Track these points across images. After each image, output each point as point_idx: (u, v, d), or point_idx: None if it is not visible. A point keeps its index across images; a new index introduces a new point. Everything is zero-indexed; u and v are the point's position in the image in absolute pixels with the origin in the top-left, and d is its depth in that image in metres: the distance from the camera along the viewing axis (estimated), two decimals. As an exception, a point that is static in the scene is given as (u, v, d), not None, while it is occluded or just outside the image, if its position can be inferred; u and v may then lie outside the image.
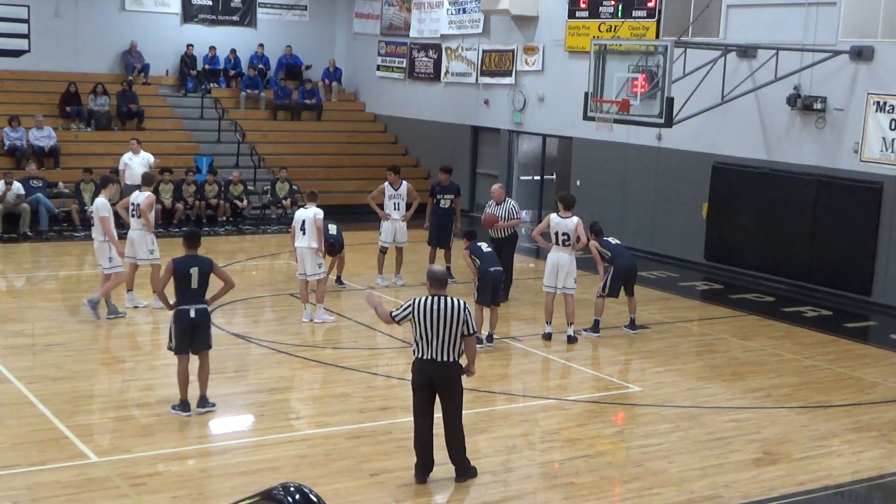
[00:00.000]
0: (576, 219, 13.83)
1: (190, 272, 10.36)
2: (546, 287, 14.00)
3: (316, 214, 14.32)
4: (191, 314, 10.35)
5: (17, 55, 23.30)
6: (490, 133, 24.87)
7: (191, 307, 10.36)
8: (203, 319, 10.47)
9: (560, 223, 13.79)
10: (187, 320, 10.36)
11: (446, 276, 9.20)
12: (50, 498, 8.48)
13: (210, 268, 10.50)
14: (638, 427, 11.02)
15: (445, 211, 16.92)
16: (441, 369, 8.85)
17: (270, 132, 26.18)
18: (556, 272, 13.82)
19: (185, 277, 10.36)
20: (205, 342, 10.53)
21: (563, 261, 13.81)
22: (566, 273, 13.80)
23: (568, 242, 13.78)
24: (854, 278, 17.24)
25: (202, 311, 10.45)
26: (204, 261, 10.53)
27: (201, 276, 10.40)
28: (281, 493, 5.36)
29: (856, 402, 12.00)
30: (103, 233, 13.97)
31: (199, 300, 10.44)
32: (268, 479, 8.61)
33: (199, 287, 10.41)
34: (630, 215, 20.63)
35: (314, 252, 14.30)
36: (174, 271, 10.41)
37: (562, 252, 13.83)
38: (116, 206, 14.89)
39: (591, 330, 14.33)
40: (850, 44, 16.95)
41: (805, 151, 17.87)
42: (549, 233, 13.92)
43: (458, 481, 9.07)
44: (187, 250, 10.53)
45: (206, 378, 10.63)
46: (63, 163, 22.38)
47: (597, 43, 17.05)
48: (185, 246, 10.58)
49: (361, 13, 28.50)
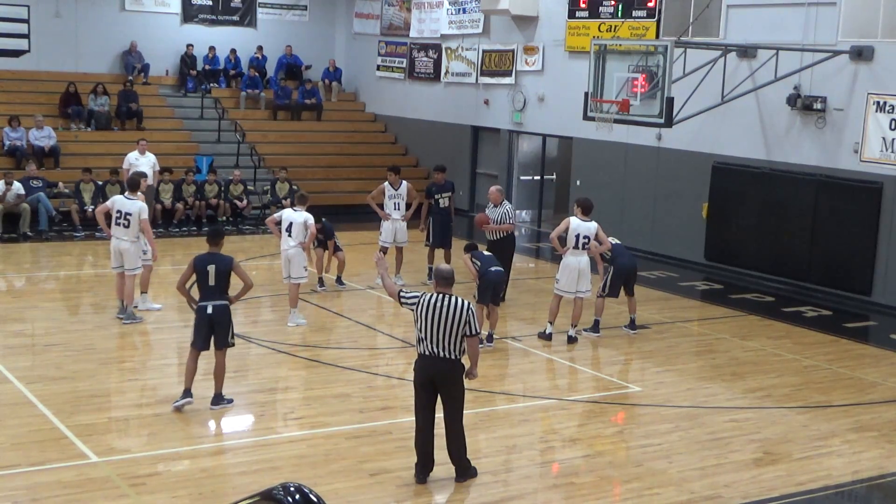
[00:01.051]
0: (595, 223, 13.84)
1: (207, 269, 10.52)
2: (563, 291, 13.87)
3: (307, 220, 14.21)
4: (208, 310, 10.48)
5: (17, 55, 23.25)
6: (490, 133, 24.87)
7: (209, 304, 10.50)
8: (221, 317, 10.54)
9: (580, 226, 13.74)
10: (205, 316, 10.50)
11: (453, 275, 9.20)
12: (50, 498, 8.48)
13: (229, 266, 10.62)
14: (638, 427, 11.02)
15: (445, 210, 16.92)
16: (443, 367, 8.85)
17: (270, 132, 26.19)
18: (578, 277, 13.76)
19: (204, 274, 10.54)
20: (224, 340, 10.60)
21: (582, 265, 13.78)
22: (585, 277, 13.81)
23: (587, 246, 13.77)
24: (854, 278, 17.24)
25: (220, 308, 10.53)
26: (223, 259, 10.67)
27: (219, 273, 10.53)
28: (281, 493, 5.36)
29: (856, 402, 12.00)
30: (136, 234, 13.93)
31: (217, 297, 10.54)
32: (268, 479, 8.61)
33: (217, 285, 10.53)
34: (630, 215, 20.62)
35: (300, 255, 14.22)
36: (194, 268, 10.62)
37: (581, 256, 13.78)
38: (95, 210, 14.61)
39: (591, 330, 14.33)
40: (850, 44, 16.95)
41: (805, 151, 17.87)
42: (567, 236, 13.84)
43: (458, 481, 9.07)
44: (209, 247, 10.74)
45: (221, 376, 10.69)
46: (63, 163, 22.38)
47: (597, 43, 17.04)
48: (207, 243, 10.81)
49: (361, 13, 28.51)
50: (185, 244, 20.16)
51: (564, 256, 13.91)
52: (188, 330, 13.90)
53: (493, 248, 14.96)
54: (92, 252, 19.08)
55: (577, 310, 13.86)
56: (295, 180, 23.38)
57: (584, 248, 13.75)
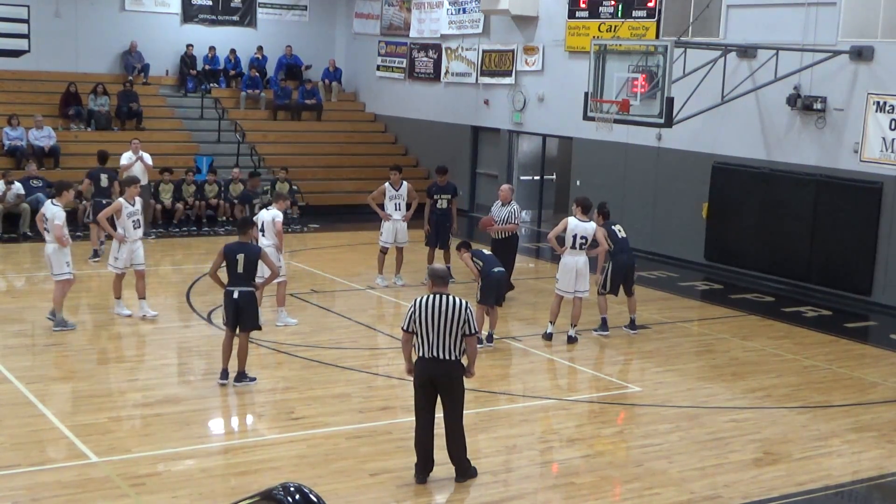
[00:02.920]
0: (594, 224, 13.84)
1: (237, 258, 11.34)
2: (562, 291, 13.89)
3: (275, 217, 13.96)
4: (234, 295, 11.27)
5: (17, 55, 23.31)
6: (490, 133, 24.88)
7: (235, 289, 11.29)
8: (246, 303, 11.30)
9: (578, 226, 13.73)
10: (231, 301, 11.28)
11: (447, 275, 9.21)
12: (50, 498, 8.48)
13: (257, 255, 11.48)
14: (638, 427, 11.02)
15: (443, 211, 16.91)
16: (442, 367, 8.85)
17: (270, 132, 26.19)
18: (575, 276, 13.76)
19: (233, 262, 11.37)
20: (250, 323, 11.37)
21: (580, 264, 13.78)
22: (583, 277, 13.81)
23: (585, 246, 13.76)
24: (854, 278, 17.24)
25: (246, 293, 11.31)
26: (252, 248, 11.54)
27: (247, 262, 11.35)
28: (281, 493, 5.35)
29: (856, 402, 12.00)
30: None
31: (244, 284, 11.34)
32: (268, 479, 8.61)
33: (245, 272, 11.35)
34: (630, 215, 20.59)
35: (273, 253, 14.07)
36: (224, 256, 11.44)
37: (578, 256, 13.78)
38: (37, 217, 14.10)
39: (599, 329, 14.29)
40: (850, 44, 16.95)
41: (805, 151, 17.87)
42: (565, 236, 13.82)
43: (458, 481, 9.07)
44: (239, 237, 11.64)
45: (243, 356, 11.41)
46: (63, 163, 22.38)
47: (597, 43, 17.04)
48: (238, 233, 11.76)
49: (361, 13, 28.51)
50: (185, 244, 20.18)
51: (562, 256, 13.92)
52: (188, 330, 14.03)
53: (497, 247, 15.00)
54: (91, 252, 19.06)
55: (577, 309, 13.86)
56: (295, 180, 23.40)
57: (582, 248, 13.75)
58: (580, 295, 13.83)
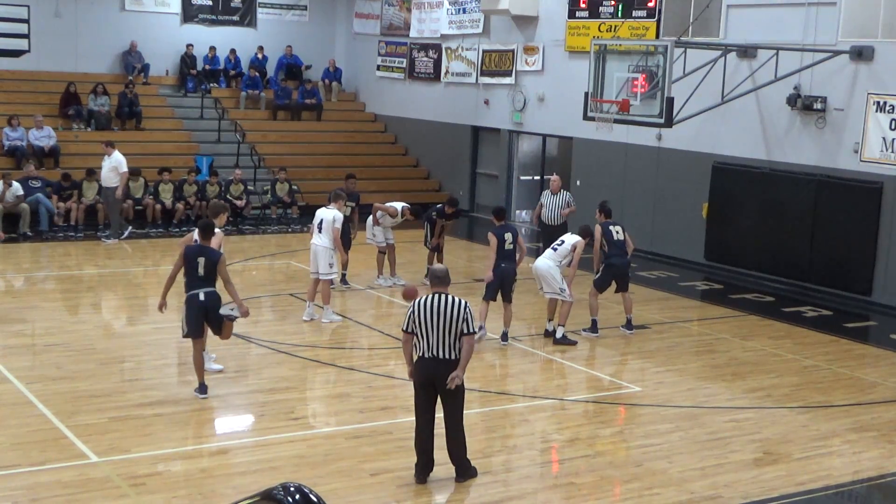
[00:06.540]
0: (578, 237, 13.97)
1: (197, 260, 10.90)
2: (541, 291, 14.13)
3: (336, 217, 14.31)
4: (200, 297, 10.83)
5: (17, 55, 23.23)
6: (490, 133, 24.88)
7: (200, 291, 10.86)
8: (214, 303, 10.95)
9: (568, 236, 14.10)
10: (197, 303, 10.83)
11: (447, 275, 9.21)
12: (50, 498, 8.48)
13: (216, 260, 10.95)
14: (638, 427, 11.02)
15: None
16: (443, 367, 8.84)
17: (270, 132, 26.19)
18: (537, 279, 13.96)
19: (193, 265, 10.91)
20: (217, 323, 11.05)
21: (540, 270, 13.84)
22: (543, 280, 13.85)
23: (557, 249, 13.91)
24: (854, 278, 17.24)
25: (211, 293, 10.92)
26: (212, 252, 11.04)
27: (208, 264, 10.90)
28: (281, 493, 5.35)
29: (856, 402, 12.00)
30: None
31: (207, 285, 10.91)
32: (268, 479, 8.61)
33: (206, 274, 10.90)
34: (630, 215, 20.58)
35: (327, 251, 14.28)
36: (184, 258, 10.99)
37: (534, 262, 14.14)
38: None
39: (589, 330, 14.31)
40: (850, 44, 16.94)
41: (805, 151, 17.87)
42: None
43: (459, 481, 9.07)
44: (200, 240, 11.12)
45: (229, 336, 11.39)
46: (63, 163, 22.37)
47: (597, 43, 17.05)
48: (198, 236, 11.17)
49: (361, 13, 28.51)
50: (184, 244, 20.14)
51: None
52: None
53: (549, 232, 16.22)
54: (92, 252, 19.07)
55: (551, 310, 14.00)
56: (295, 180, 23.40)
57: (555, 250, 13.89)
58: (549, 296, 13.86)
